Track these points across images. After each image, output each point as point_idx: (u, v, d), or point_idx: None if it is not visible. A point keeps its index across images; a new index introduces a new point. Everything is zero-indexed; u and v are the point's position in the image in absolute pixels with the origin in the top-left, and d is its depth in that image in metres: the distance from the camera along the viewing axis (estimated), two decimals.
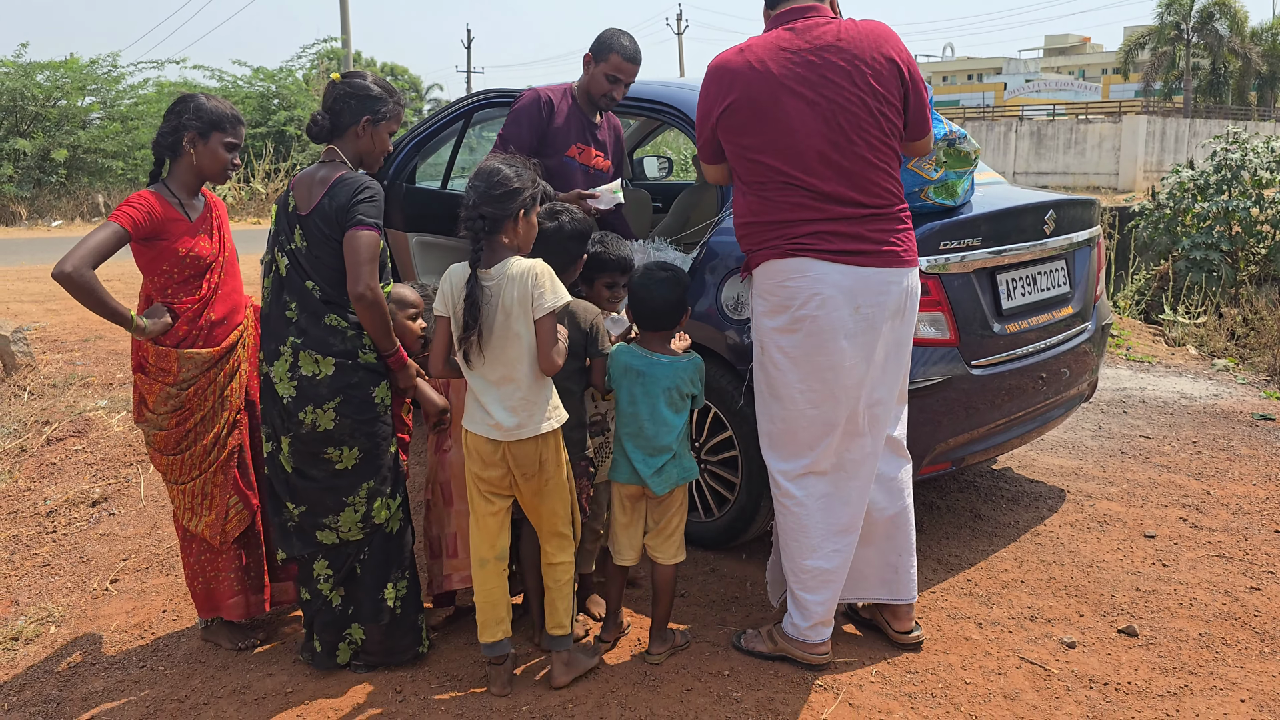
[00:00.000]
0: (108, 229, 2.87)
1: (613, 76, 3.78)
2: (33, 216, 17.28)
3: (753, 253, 2.90)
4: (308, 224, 2.83)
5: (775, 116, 2.74)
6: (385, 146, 3.00)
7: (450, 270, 2.81)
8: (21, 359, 6.40)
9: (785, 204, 2.79)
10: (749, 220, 2.88)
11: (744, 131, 2.80)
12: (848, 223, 2.77)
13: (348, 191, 2.79)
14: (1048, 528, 4.10)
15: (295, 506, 2.95)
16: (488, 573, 2.89)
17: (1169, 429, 5.49)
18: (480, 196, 2.70)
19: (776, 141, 2.76)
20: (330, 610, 3.00)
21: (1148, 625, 3.29)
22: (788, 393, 2.87)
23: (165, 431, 3.07)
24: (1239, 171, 9.79)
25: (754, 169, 2.82)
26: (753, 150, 2.81)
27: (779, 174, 2.78)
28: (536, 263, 2.74)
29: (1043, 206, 3.78)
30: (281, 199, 2.94)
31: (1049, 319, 3.86)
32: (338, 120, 2.90)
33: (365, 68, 39.87)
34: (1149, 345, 7.90)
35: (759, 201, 2.84)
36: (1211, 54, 39.79)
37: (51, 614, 3.57)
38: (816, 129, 2.73)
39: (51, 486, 4.78)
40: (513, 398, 2.74)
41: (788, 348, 2.84)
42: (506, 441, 2.76)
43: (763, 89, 2.75)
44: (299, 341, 2.82)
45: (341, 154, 2.90)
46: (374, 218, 2.79)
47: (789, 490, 2.94)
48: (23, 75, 17.89)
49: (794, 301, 2.80)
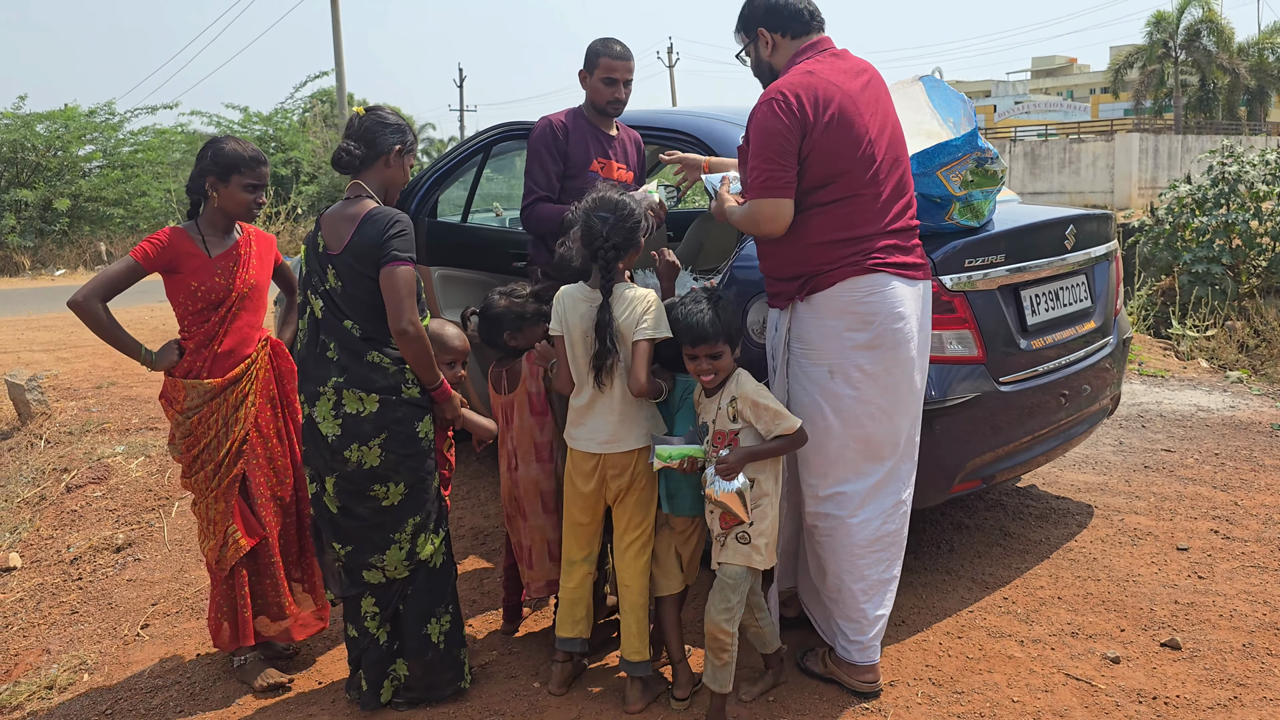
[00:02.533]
0: (122, 261, 3.12)
1: (609, 79, 3.82)
2: (36, 266, 17.35)
3: (821, 274, 2.87)
4: (340, 263, 2.84)
5: (860, 132, 2.82)
6: (408, 177, 3.06)
7: (563, 292, 2.95)
8: (37, 407, 6.40)
9: (860, 218, 2.85)
10: (814, 241, 2.86)
11: (837, 149, 2.80)
12: (898, 236, 2.88)
13: (378, 227, 2.81)
14: (1079, 543, 4.08)
15: (341, 546, 2.94)
16: (575, 573, 3.06)
17: (1190, 442, 5.48)
18: (611, 228, 2.84)
19: (861, 156, 2.82)
20: (378, 647, 2.98)
21: (1190, 638, 3.27)
22: (862, 410, 2.88)
23: (180, 455, 3.22)
24: (1236, 185, 9.85)
25: (835, 188, 2.83)
26: (840, 167, 2.82)
27: (859, 188, 2.84)
28: (650, 293, 2.89)
29: (1063, 221, 3.80)
30: (310, 240, 2.96)
31: (1072, 334, 3.86)
32: (371, 149, 2.93)
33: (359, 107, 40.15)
34: (1160, 360, 7.91)
35: (834, 218, 2.84)
36: (1200, 70, 40.08)
37: (84, 661, 3.54)
38: (882, 145, 2.86)
39: (74, 534, 4.76)
40: (611, 413, 2.90)
41: (867, 365, 2.86)
42: (604, 454, 2.92)
43: (851, 106, 2.82)
44: (341, 380, 2.83)
45: (366, 187, 2.92)
46: (408, 252, 2.81)
47: (836, 513, 2.93)
48: (23, 126, 18.04)
49: (876, 317, 2.84)
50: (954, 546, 4.06)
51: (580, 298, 2.90)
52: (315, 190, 18.80)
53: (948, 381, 3.33)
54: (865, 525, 2.92)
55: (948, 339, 3.34)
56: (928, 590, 3.66)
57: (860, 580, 2.94)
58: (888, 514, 2.95)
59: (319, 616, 3.40)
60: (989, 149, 3.27)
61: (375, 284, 2.81)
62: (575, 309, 2.89)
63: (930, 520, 4.31)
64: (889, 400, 2.89)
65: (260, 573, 3.27)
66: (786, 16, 2.95)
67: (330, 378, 2.84)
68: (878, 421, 2.88)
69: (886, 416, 2.90)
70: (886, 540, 2.95)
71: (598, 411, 2.92)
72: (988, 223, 3.55)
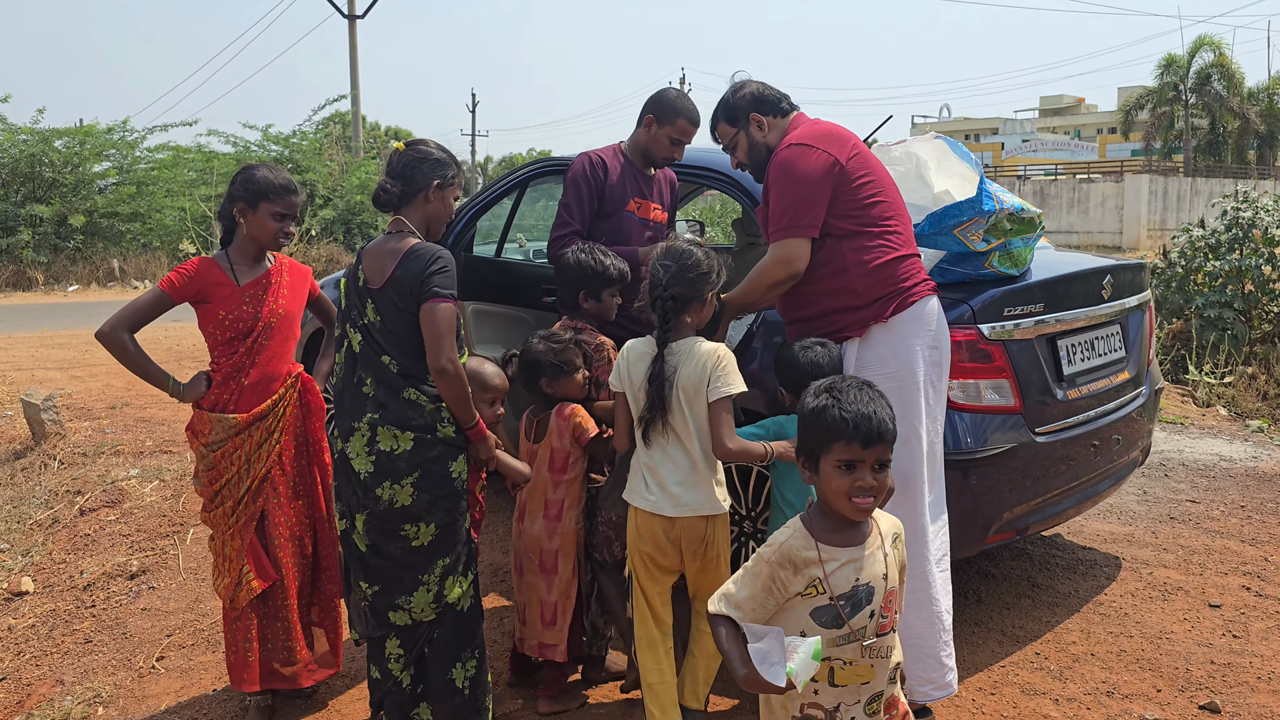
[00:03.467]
0: (150, 293, 3.10)
1: (677, 140, 3.80)
2: (49, 282, 17.37)
3: (908, 291, 3.00)
4: (380, 298, 2.80)
5: (878, 169, 3.09)
6: (451, 211, 3.00)
7: (628, 346, 2.87)
8: (51, 427, 6.36)
9: (908, 235, 3.09)
10: (890, 257, 3.01)
11: (871, 168, 3.06)
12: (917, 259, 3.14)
13: (420, 263, 2.77)
14: (1109, 597, 4.01)
15: (369, 586, 2.88)
16: (661, 653, 2.90)
17: (1214, 493, 5.42)
18: (672, 277, 2.76)
19: (888, 179, 3.12)
20: (400, 690, 2.91)
21: (1229, 701, 3.20)
22: (933, 425, 3.03)
23: (203, 489, 3.17)
24: (1250, 230, 9.82)
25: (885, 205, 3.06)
26: (879, 184, 3.06)
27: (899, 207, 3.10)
28: (720, 347, 2.80)
29: (1101, 271, 3.77)
30: (350, 273, 2.92)
31: (1107, 384, 3.82)
32: (409, 186, 2.89)
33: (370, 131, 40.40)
34: (1178, 406, 7.85)
35: (894, 235, 3.04)
36: (1210, 114, 40.28)
37: (99, 694, 3.48)
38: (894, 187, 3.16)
39: (87, 559, 4.71)
40: (683, 475, 2.77)
41: (936, 380, 3.03)
42: (677, 518, 2.78)
43: (859, 148, 3.08)
44: (376, 417, 2.78)
45: (409, 223, 2.89)
46: (450, 289, 2.76)
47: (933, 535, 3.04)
48: (41, 141, 18.09)
49: (942, 339, 3.05)
50: (981, 597, 4.00)
51: (645, 351, 2.81)
52: (330, 214, 18.80)
53: (985, 431, 3.30)
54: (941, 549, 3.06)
55: (985, 388, 3.31)
56: (958, 642, 3.58)
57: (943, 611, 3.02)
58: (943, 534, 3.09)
59: (331, 660, 3.33)
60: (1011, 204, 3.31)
61: (415, 320, 2.76)
62: (639, 363, 2.80)
63: (957, 570, 4.23)
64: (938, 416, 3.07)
65: (272, 615, 3.19)
66: (772, 101, 3.24)
67: (366, 413, 2.79)
68: (930, 445, 3.01)
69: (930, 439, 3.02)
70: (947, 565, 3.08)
71: (669, 471, 2.78)
72: (1026, 271, 3.53)
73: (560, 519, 3.20)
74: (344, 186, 19.36)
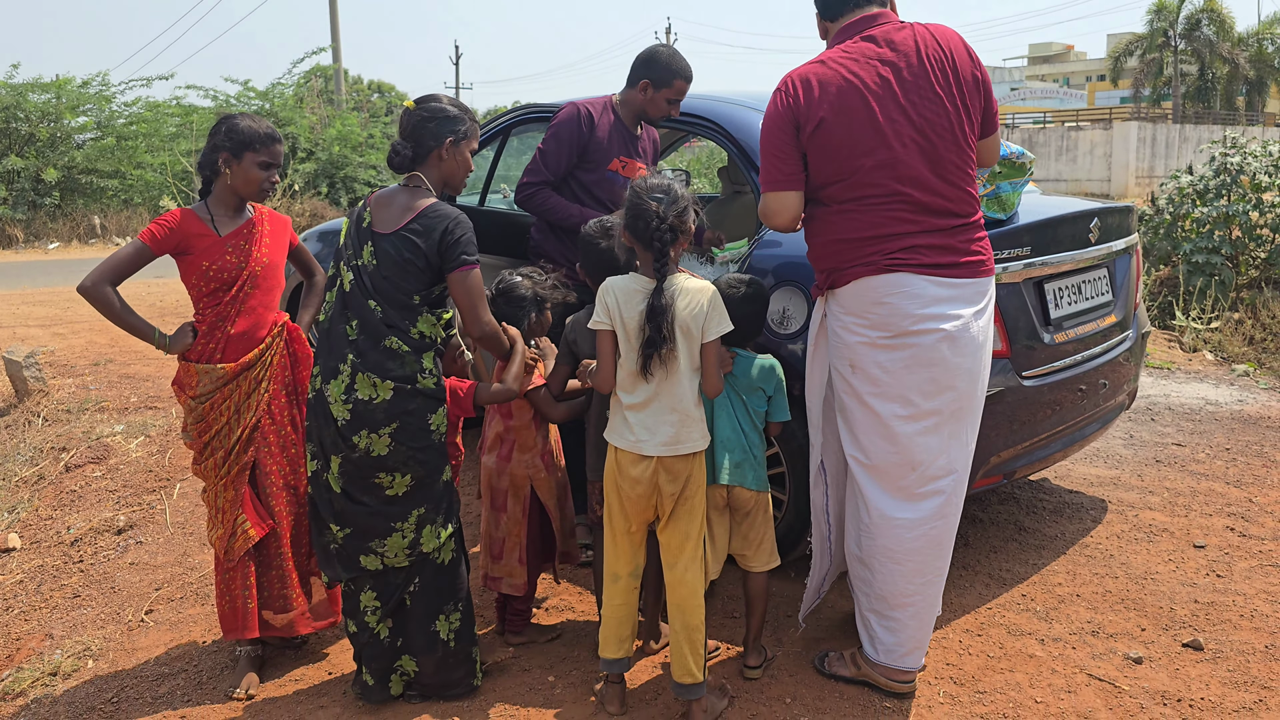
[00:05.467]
0: (130, 245, 3.04)
1: (674, 100, 3.75)
2: (29, 239, 17.16)
3: (840, 270, 2.79)
4: (384, 243, 2.78)
5: (873, 128, 2.66)
6: (469, 166, 2.97)
7: (609, 283, 2.78)
8: (34, 384, 6.31)
9: (881, 219, 2.71)
10: (837, 238, 2.77)
11: (840, 145, 2.69)
12: (940, 234, 2.72)
13: (442, 227, 2.77)
14: (1095, 539, 4.04)
15: (340, 529, 2.86)
16: (619, 589, 2.87)
17: (1200, 436, 5.45)
18: (667, 209, 2.69)
19: (876, 154, 2.67)
20: (378, 642, 2.92)
21: (1212, 639, 3.24)
22: (888, 409, 2.78)
23: (192, 442, 3.15)
24: (1238, 176, 9.79)
25: (848, 186, 2.72)
26: (849, 165, 2.70)
27: (877, 188, 2.70)
28: (709, 284, 2.76)
29: (1088, 214, 3.74)
30: (355, 214, 2.90)
31: (1094, 328, 3.82)
32: (420, 147, 2.86)
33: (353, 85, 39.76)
34: (1165, 351, 7.88)
35: (851, 218, 2.74)
36: (1199, 60, 40.01)
37: (88, 647, 3.47)
38: (913, 140, 2.67)
39: (74, 514, 4.69)
40: (672, 412, 2.73)
41: (887, 364, 2.76)
42: (660, 457, 2.74)
43: (858, 100, 2.66)
44: (358, 362, 2.76)
45: (426, 180, 2.86)
46: (475, 254, 2.82)
47: (889, 513, 2.84)
48: (16, 95, 17.77)
49: (894, 317, 2.73)
50: (969, 540, 4.02)
51: (635, 288, 2.72)
52: (312, 167, 18.57)
53: None
54: (911, 528, 2.83)
55: None
56: (945, 586, 3.61)
57: (887, 585, 2.88)
58: (942, 520, 2.85)
59: (329, 609, 3.34)
60: (1014, 149, 3.24)
61: (414, 272, 2.77)
62: (631, 300, 2.71)
63: None
64: (915, 401, 2.77)
65: (267, 564, 3.19)
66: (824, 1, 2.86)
67: (348, 355, 2.77)
68: (911, 418, 2.78)
69: (912, 419, 2.79)
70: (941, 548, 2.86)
71: (654, 410, 2.73)
72: (1013, 215, 3.50)
73: (510, 459, 3.19)
74: (324, 139, 19.11)
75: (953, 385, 2.78)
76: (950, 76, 2.71)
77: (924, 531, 2.83)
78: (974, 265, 2.78)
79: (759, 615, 3.05)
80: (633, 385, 2.76)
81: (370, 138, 20.05)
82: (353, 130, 19.62)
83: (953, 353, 2.75)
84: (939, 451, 2.80)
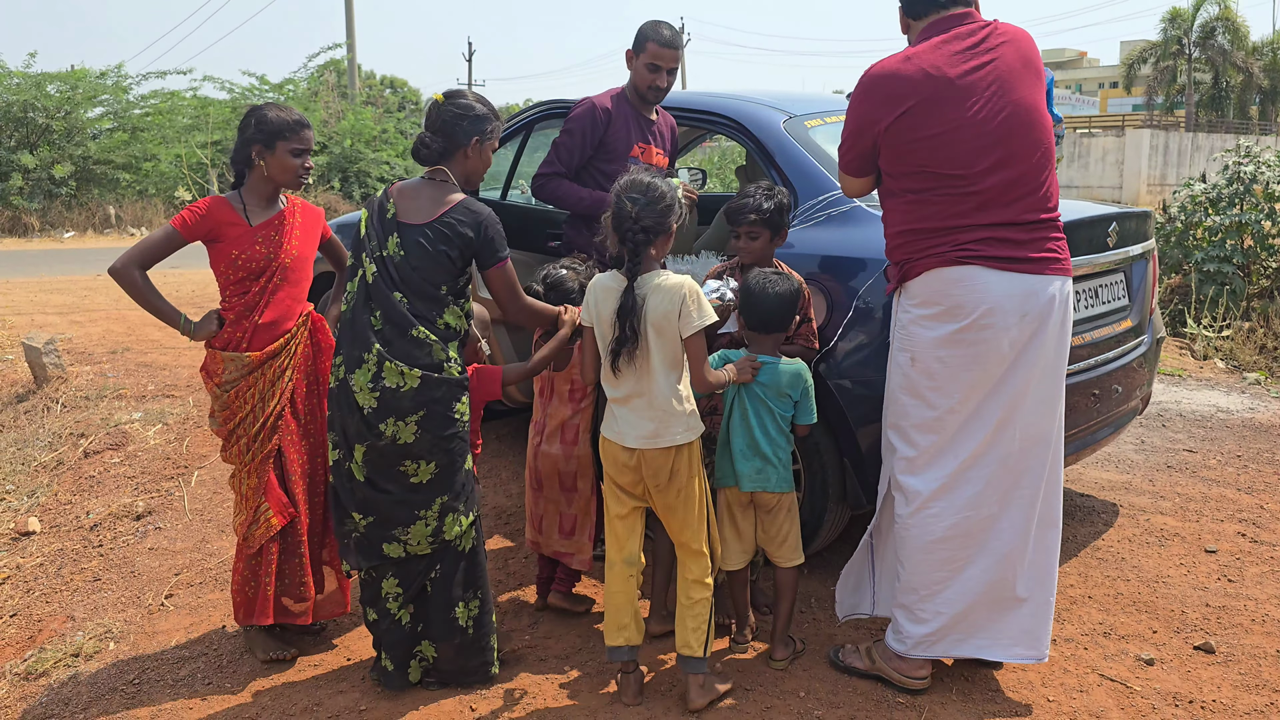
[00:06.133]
0: (161, 230, 3.10)
1: (653, 65, 3.79)
2: (45, 228, 17.26)
3: (912, 261, 2.83)
4: (413, 233, 2.83)
5: (955, 123, 2.71)
6: (489, 163, 3.04)
7: (595, 281, 2.86)
8: (53, 371, 6.37)
9: (954, 211, 2.75)
10: (908, 228, 2.82)
11: (919, 139, 2.73)
12: (1015, 229, 2.76)
13: (478, 224, 2.86)
14: (1106, 542, 4.06)
15: (362, 517, 2.90)
16: (614, 575, 2.92)
17: (1211, 443, 5.46)
18: (641, 210, 2.74)
19: (954, 148, 2.72)
20: (399, 628, 2.96)
21: (1223, 642, 3.26)
22: (944, 402, 2.81)
23: (219, 429, 3.19)
24: (1251, 185, 9.78)
25: (922, 177, 2.77)
26: (924, 157, 2.75)
27: (951, 180, 2.74)
28: (686, 279, 2.79)
29: (1107, 219, 3.76)
30: (377, 204, 2.92)
31: (1109, 332, 3.84)
32: (450, 142, 2.91)
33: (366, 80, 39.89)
34: (1177, 359, 7.88)
35: (922, 208, 2.79)
36: (1213, 68, 39.90)
37: (110, 630, 3.52)
38: (994, 135, 2.72)
39: (93, 500, 4.74)
40: (649, 408, 2.78)
41: (947, 358, 2.79)
42: (640, 450, 2.80)
43: (941, 95, 2.71)
44: (384, 350, 2.80)
45: (450, 175, 2.91)
46: (506, 249, 2.93)
47: (923, 502, 2.86)
48: (33, 86, 17.86)
49: (961, 310, 2.76)
50: None
51: (613, 286, 2.79)
52: (326, 160, 18.67)
53: None
54: (941, 518, 2.85)
55: None
56: None
57: (918, 575, 2.90)
58: (981, 520, 2.84)
59: (340, 600, 3.37)
60: None
61: (443, 265, 2.83)
62: (607, 298, 2.79)
63: None
64: (969, 396, 2.80)
65: (288, 552, 3.23)
66: None
67: (374, 344, 2.81)
68: (966, 412, 2.80)
69: (967, 413, 2.81)
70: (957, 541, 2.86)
71: (634, 406, 2.80)
72: None
73: (576, 443, 3.33)
74: (338, 133, 19.19)
75: (1010, 381, 2.80)
76: (1029, 76, 2.80)
77: (955, 521, 2.84)
78: (1050, 262, 2.80)
79: (786, 608, 3.10)
80: (613, 380, 2.82)
81: (384, 132, 20.13)
82: (366, 125, 19.70)
83: (1013, 350, 2.77)
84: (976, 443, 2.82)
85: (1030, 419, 2.85)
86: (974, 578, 2.88)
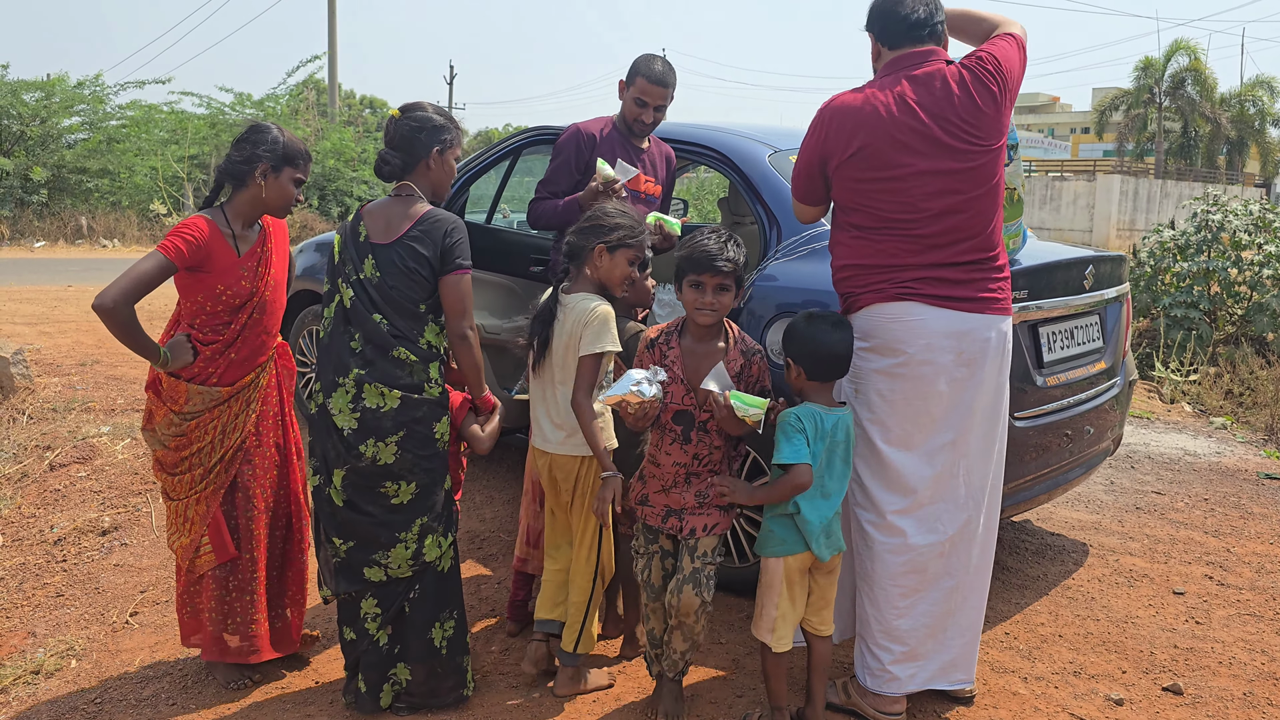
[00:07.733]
0: (153, 260, 2.82)
1: (640, 100, 3.81)
2: (15, 237, 17.04)
3: (855, 295, 2.89)
4: (386, 254, 2.81)
5: (900, 166, 2.74)
6: (453, 173, 3.02)
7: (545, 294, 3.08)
8: (20, 381, 6.27)
9: (895, 249, 2.80)
10: (853, 263, 2.87)
11: (865, 179, 2.79)
12: (956, 269, 2.80)
13: (440, 231, 2.83)
14: (1077, 582, 4.09)
15: (343, 542, 2.88)
16: (559, 556, 3.13)
17: (1179, 485, 5.53)
18: (576, 229, 2.96)
19: (897, 190, 2.76)
20: (377, 650, 2.92)
21: (1191, 684, 3.28)
22: (882, 434, 2.86)
23: (165, 450, 3.03)
24: (1219, 233, 9.98)
25: (868, 215, 2.82)
26: (871, 196, 2.80)
27: (894, 221, 2.79)
28: (600, 306, 2.86)
29: (1084, 262, 3.82)
30: (349, 229, 2.90)
31: (1083, 373, 3.89)
32: (410, 156, 2.89)
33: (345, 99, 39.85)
34: (1145, 401, 7.98)
35: (867, 245, 2.84)
36: (1183, 117, 40.74)
37: (72, 647, 3.45)
38: (937, 181, 2.75)
39: (58, 514, 4.66)
40: (558, 415, 2.97)
41: (886, 392, 2.84)
42: (550, 454, 3.00)
43: (889, 137, 2.74)
44: (363, 373, 2.78)
45: (416, 189, 2.89)
46: (468, 259, 2.87)
47: (875, 536, 2.90)
48: (9, 94, 17.71)
49: (899, 344, 2.81)
50: None
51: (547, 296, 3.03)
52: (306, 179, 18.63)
53: None
54: (891, 553, 2.89)
55: None
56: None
57: (880, 609, 2.92)
58: (934, 552, 2.88)
59: (291, 639, 3.22)
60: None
61: (420, 281, 2.81)
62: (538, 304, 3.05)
63: None
64: (909, 429, 2.85)
65: (240, 588, 3.06)
66: (887, 26, 2.87)
67: (352, 369, 2.79)
68: (903, 446, 2.85)
69: (906, 448, 2.86)
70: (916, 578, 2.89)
71: (544, 414, 3.02)
72: (1013, 257, 3.56)
73: None
74: (317, 151, 19.13)
75: (948, 419, 2.84)
76: (985, 122, 2.77)
77: (909, 558, 2.88)
78: (989, 302, 2.84)
79: (823, 685, 2.93)
80: (533, 382, 3.05)
81: (364, 152, 20.10)
82: (348, 145, 19.67)
83: (951, 388, 2.81)
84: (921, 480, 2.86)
85: (972, 462, 2.91)
86: (925, 612, 2.93)
